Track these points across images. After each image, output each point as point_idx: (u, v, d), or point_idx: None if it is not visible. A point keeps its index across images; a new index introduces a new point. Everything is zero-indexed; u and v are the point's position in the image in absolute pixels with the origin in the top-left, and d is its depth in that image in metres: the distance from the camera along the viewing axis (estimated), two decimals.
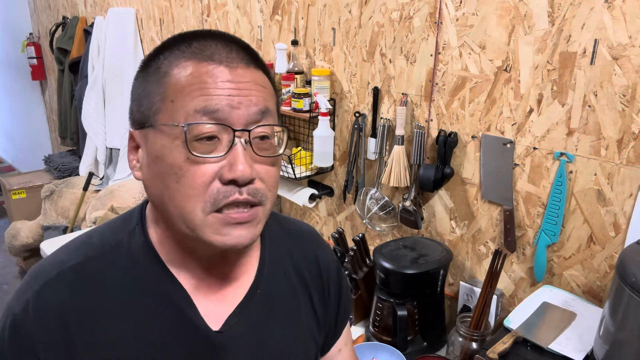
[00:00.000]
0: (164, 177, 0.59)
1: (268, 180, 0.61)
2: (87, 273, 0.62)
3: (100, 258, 0.63)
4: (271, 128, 0.62)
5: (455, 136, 1.31)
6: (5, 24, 4.52)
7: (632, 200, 1.05)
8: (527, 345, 1.00)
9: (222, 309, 0.66)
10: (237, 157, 0.57)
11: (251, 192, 0.59)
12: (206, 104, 0.57)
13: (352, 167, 1.63)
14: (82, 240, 0.67)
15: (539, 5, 1.10)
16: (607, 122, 1.05)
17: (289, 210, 1.99)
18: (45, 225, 2.89)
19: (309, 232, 0.84)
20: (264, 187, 0.61)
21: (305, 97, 1.61)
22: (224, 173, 0.57)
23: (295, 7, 1.70)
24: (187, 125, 0.56)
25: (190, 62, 0.59)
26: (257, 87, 0.60)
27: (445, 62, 1.31)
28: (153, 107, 0.59)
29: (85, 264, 0.63)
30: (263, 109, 0.60)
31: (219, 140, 0.58)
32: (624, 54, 1.00)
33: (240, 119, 0.58)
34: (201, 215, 0.57)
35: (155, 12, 2.56)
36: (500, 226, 1.29)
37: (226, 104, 0.57)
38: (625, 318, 0.83)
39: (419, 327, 1.32)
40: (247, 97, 0.58)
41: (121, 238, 0.65)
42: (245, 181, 0.57)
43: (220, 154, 0.57)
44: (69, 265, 0.62)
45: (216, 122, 0.57)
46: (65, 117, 3.56)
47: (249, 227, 0.60)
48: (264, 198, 0.60)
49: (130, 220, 0.68)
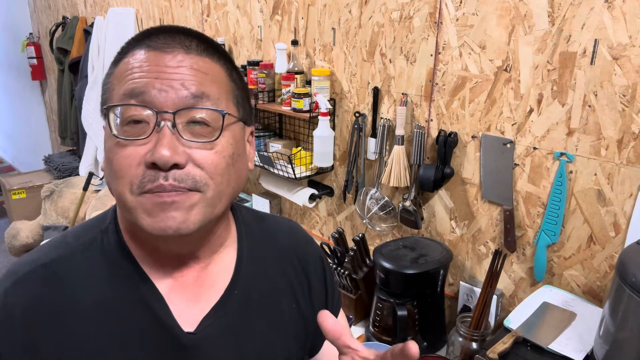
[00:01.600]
0: (105, 162, 0.60)
1: (206, 166, 0.58)
2: (59, 272, 0.61)
3: (73, 257, 0.63)
4: (215, 115, 0.59)
5: (455, 136, 1.31)
6: (5, 24, 4.52)
7: (632, 200, 1.05)
8: (527, 345, 1.00)
9: (197, 310, 0.65)
10: (160, 140, 0.56)
11: (177, 178, 0.56)
12: (133, 87, 0.57)
13: (352, 167, 1.63)
14: (58, 239, 0.66)
15: (539, 5, 1.10)
16: (607, 122, 1.05)
17: (289, 210, 1.99)
18: (45, 225, 2.89)
19: (290, 228, 0.82)
20: (201, 173, 0.58)
21: (305, 97, 1.61)
22: (147, 156, 0.56)
23: (295, 7, 1.70)
24: (108, 107, 0.58)
25: (135, 51, 0.60)
26: (193, 71, 0.58)
27: (445, 62, 1.31)
28: (104, 96, 0.61)
29: (58, 262, 0.62)
30: (196, 93, 0.58)
31: (148, 125, 0.57)
32: (624, 54, 1.00)
33: (167, 102, 0.57)
34: (131, 197, 0.57)
35: (155, 12, 2.56)
36: (500, 226, 1.29)
37: (153, 87, 0.56)
38: (625, 318, 0.83)
39: (419, 327, 1.32)
40: (178, 81, 0.57)
41: (94, 237, 0.65)
42: (166, 165, 0.55)
43: (145, 136, 0.56)
44: (41, 262, 0.62)
45: (141, 104, 0.56)
46: (65, 117, 3.56)
47: (180, 209, 0.57)
48: (199, 185, 0.58)
49: (104, 219, 0.67)
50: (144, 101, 0.56)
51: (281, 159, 1.67)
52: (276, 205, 2.01)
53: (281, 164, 1.68)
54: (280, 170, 1.70)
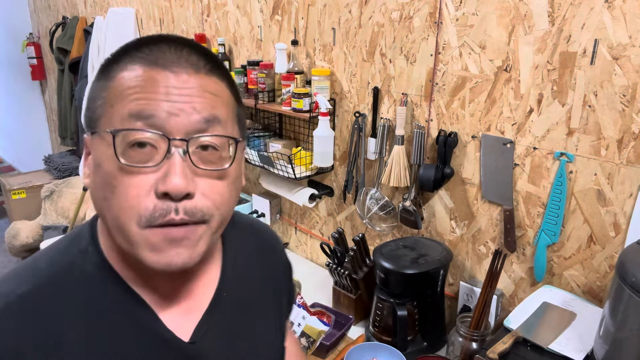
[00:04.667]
0: (102, 186, 0.54)
1: (213, 197, 0.56)
2: (38, 303, 0.56)
3: (51, 285, 0.57)
4: (223, 139, 0.56)
5: (455, 136, 1.31)
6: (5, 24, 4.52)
7: (632, 200, 1.05)
8: (527, 345, 1.00)
9: (190, 320, 0.64)
10: (171, 168, 0.52)
11: (188, 212, 0.53)
12: (141, 109, 0.52)
13: (352, 167, 1.63)
14: (29, 265, 0.60)
15: (539, 5, 1.10)
16: (607, 122, 1.05)
17: (289, 210, 1.99)
18: (45, 225, 2.89)
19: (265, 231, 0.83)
20: (208, 204, 0.55)
21: (305, 97, 1.61)
22: (158, 185, 0.52)
23: (295, 7, 1.70)
24: (116, 131, 0.52)
25: (134, 66, 0.55)
26: (203, 93, 0.55)
27: (445, 62, 1.31)
28: (97, 111, 0.56)
29: (34, 292, 0.56)
30: (208, 117, 0.55)
31: (155, 149, 0.53)
32: (624, 54, 1.00)
33: (179, 127, 0.53)
34: (136, 229, 0.53)
35: (155, 12, 2.56)
36: (500, 226, 1.29)
37: (163, 110, 0.53)
38: (625, 318, 0.83)
39: (419, 327, 1.32)
40: (189, 103, 0.54)
41: (72, 260, 0.60)
42: (179, 195, 0.52)
43: (155, 164, 0.53)
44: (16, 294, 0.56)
45: (150, 128, 0.52)
46: (65, 117, 3.56)
47: (187, 245, 0.54)
48: (207, 217, 0.55)
49: (79, 239, 0.62)
50: (153, 125, 0.53)
51: (281, 159, 1.67)
52: (276, 205, 2.01)
53: (281, 164, 1.68)
54: (280, 170, 1.70)
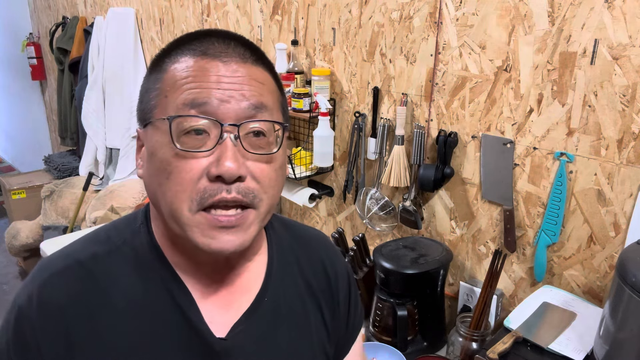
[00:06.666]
0: (157, 173, 0.58)
1: (262, 180, 0.59)
2: (94, 270, 0.62)
3: (107, 256, 0.63)
4: (269, 125, 0.59)
5: (455, 136, 1.31)
6: (5, 24, 4.52)
7: (632, 200, 1.05)
8: (527, 345, 1.00)
9: (229, 317, 0.65)
10: (224, 153, 0.55)
11: (241, 191, 0.56)
12: (194, 97, 0.56)
13: (352, 167, 1.63)
14: (90, 237, 0.66)
15: (539, 5, 1.10)
16: (607, 122, 1.05)
17: (289, 210, 1.99)
18: (45, 225, 2.89)
19: (317, 238, 0.80)
20: (257, 187, 0.58)
21: (305, 97, 1.61)
22: (211, 169, 0.55)
23: (295, 7, 1.70)
24: (172, 118, 0.56)
25: (185, 57, 0.59)
26: (251, 81, 0.58)
27: (445, 62, 1.31)
28: (150, 103, 0.60)
29: (93, 260, 0.62)
30: (256, 104, 0.58)
31: (208, 135, 0.56)
32: (624, 54, 1.00)
33: (230, 113, 0.56)
34: (188, 214, 0.56)
35: (155, 12, 2.56)
36: (500, 226, 1.29)
37: (215, 98, 0.56)
38: (625, 318, 0.83)
39: (419, 327, 1.32)
40: (238, 91, 0.57)
41: (126, 237, 0.65)
42: (231, 178, 0.55)
43: (208, 149, 0.56)
44: (76, 259, 0.62)
45: (203, 115, 0.56)
46: (65, 117, 3.56)
47: (237, 231, 0.57)
48: (256, 200, 0.58)
49: (135, 220, 0.67)
50: (206, 112, 0.56)
51: None
52: (276, 205, 2.01)
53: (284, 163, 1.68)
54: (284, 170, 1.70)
